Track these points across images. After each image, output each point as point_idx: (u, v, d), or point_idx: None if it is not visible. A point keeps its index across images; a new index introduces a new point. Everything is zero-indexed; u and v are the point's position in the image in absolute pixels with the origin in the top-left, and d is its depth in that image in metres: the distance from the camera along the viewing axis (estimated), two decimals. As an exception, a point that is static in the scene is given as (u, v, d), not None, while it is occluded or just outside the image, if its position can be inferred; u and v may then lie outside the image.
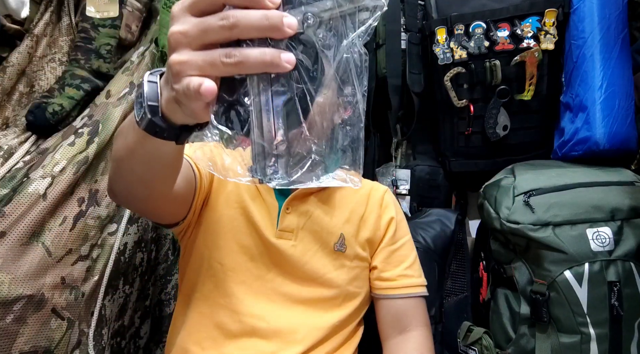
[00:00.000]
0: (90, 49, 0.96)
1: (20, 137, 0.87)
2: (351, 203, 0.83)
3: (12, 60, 0.92)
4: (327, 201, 0.82)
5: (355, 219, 0.82)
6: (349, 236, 0.80)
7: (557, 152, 1.01)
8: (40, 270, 0.73)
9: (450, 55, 1.05)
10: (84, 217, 0.82)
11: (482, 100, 1.05)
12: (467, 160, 1.12)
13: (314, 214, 0.79)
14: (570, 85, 0.98)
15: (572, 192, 0.85)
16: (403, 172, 1.19)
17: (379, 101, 1.20)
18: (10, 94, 0.93)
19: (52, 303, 0.74)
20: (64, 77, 0.93)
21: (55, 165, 0.78)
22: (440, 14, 1.08)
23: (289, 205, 0.78)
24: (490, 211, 0.91)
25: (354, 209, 0.83)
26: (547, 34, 0.99)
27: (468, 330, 0.93)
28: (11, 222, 0.70)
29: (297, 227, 0.77)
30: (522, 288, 0.85)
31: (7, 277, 0.68)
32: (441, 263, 1.03)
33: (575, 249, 0.80)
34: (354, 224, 0.81)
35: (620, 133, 0.91)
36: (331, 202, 0.82)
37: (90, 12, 0.97)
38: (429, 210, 1.12)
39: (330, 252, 0.78)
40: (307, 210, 0.79)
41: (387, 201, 0.87)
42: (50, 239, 0.75)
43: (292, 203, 0.78)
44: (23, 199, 0.72)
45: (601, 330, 0.77)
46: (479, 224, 1.07)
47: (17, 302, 0.69)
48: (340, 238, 0.79)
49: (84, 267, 0.82)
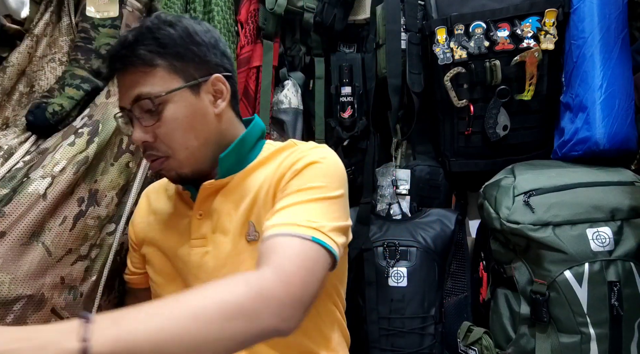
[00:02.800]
0: (90, 49, 0.96)
1: (20, 137, 0.87)
2: (258, 184, 0.71)
3: (12, 60, 0.92)
4: (236, 192, 0.72)
5: (261, 199, 0.69)
6: (258, 222, 0.69)
7: (557, 152, 1.01)
8: (40, 270, 0.73)
9: (450, 55, 1.05)
10: (84, 217, 0.82)
11: (482, 100, 1.05)
12: (467, 160, 1.12)
13: (222, 211, 0.72)
14: (570, 85, 0.98)
15: (572, 192, 0.85)
16: (403, 172, 1.19)
17: (379, 101, 1.20)
18: (10, 94, 0.93)
19: (51, 303, 0.75)
20: (64, 77, 0.93)
21: (55, 165, 0.78)
22: (440, 14, 1.08)
23: (200, 210, 0.73)
24: (490, 211, 0.91)
25: (261, 188, 0.70)
26: (547, 34, 0.99)
27: (468, 330, 0.93)
28: (11, 222, 0.70)
29: (209, 231, 0.72)
30: (522, 288, 0.85)
31: (7, 277, 0.68)
32: (441, 263, 1.03)
33: (575, 249, 0.80)
34: (260, 206, 0.69)
35: (620, 133, 0.91)
36: (241, 193, 0.72)
37: (90, 12, 0.97)
38: (429, 210, 1.12)
39: (244, 245, 0.70)
40: (214, 209, 0.73)
41: (301, 156, 0.69)
42: (50, 239, 0.75)
43: (202, 207, 0.73)
44: (23, 199, 0.72)
45: (601, 330, 0.77)
46: (479, 224, 1.07)
47: (17, 302, 0.69)
48: (250, 226, 0.70)
49: (82, 267, 0.82)
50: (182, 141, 0.67)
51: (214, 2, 1.11)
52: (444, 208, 1.14)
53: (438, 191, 1.18)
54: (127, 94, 0.67)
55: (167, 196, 0.83)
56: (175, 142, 0.67)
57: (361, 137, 1.22)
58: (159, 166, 0.70)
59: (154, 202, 0.84)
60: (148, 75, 0.65)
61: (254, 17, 1.23)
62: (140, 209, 0.86)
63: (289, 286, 0.52)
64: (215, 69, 0.71)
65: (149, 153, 0.69)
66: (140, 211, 0.86)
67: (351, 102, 1.20)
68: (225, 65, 0.73)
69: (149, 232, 0.81)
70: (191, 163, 0.70)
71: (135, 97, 0.65)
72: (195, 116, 0.68)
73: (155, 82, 0.65)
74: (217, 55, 0.72)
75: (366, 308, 0.87)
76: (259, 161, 0.73)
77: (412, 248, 1.02)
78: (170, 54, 0.66)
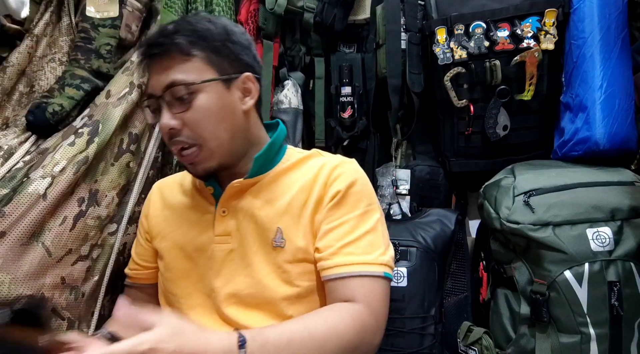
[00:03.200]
0: (90, 49, 0.96)
1: (20, 137, 0.87)
2: (293, 191, 0.73)
3: (12, 60, 0.92)
4: (264, 194, 0.74)
5: (295, 208, 0.72)
6: (287, 229, 0.71)
7: (557, 152, 1.01)
8: (40, 270, 0.73)
9: (450, 55, 1.05)
10: (84, 217, 0.82)
11: (482, 100, 1.05)
12: (467, 160, 1.12)
13: (248, 210, 0.74)
14: (570, 85, 0.98)
15: (572, 192, 0.85)
16: (403, 172, 1.19)
17: (379, 101, 1.20)
18: (10, 94, 0.93)
19: (52, 303, 0.75)
20: (64, 77, 0.93)
21: (55, 165, 0.78)
22: (440, 14, 1.08)
23: (224, 207, 0.75)
24: (490, 211, 0.91)
25: (295, 197, 0.73)
26: (547, 34, 0.99)
27: (468, 330, 0.93)
28: (11, 222, 0.71)
29: (234, 229, 0.74)
30: (522, 288, 0.85)
31: (7, 277, 0.69)
32: (441, 263, 1.03)
33: (575, 249, 0.80)
34: (293, 214, 0.72)
35: (620, 133, 0.91)
36: (269, 196, 0.74)
37: (90, 12, 0.97)
38: (429, 210, 1.12)
39: (270, 249, 0.72)
40: (241, 208, 0.74)
41: (336, 175, 0.73)
42: (50, 239, 0.76)
43: (226, 204, 0.75)
44: (23, 199, 0.73)
45: (601, 330, 0.77)
46: (479, 224, 1.07)
47: (17, 302, 0.69)
48: (278, 233, 0.72)
49: (84, 267, 0.82)
50: (213, 130, 0.69)
51: (215, 2, 1.11)
52: (444, 208, 1.14)
53: (438, 191, 1.18)
54: (159, 80, 0.68)
55: (182, 192, 0.82)
56: (206, 131, 0.69)
57: (361, 137, 1.22)
58: (193, 158, 0.70)
59: (169, 197, 0.83)
60: (184, 64, 0.68)
61: (254, 17, 1.23)
62: (153, 203, 0.85)
63: (378, 318, 0.67)
64: (247, 68, 0.74)
65: (176, 140, 0.69)
66: (153, 204, 0.85)
67: (351, 102, 1.20)
68: (255, 68, 0.76)
69: (165, 227, 0.81)
70: (221, 155, 0.71)
71: (170, 83, 0.67)
72: (224, 109, 0.70)
73: (190, 71, 0.68)
74: (249, 57, 0.75)
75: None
76: (287, 166, 0.77)
77: (412, 248, 1.02)
78: (207, 47, 0.69)
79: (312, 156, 0.79)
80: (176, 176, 0.87)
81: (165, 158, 1.08)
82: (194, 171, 0.72)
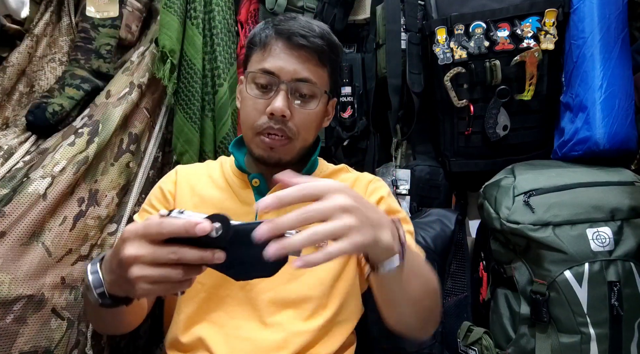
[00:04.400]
0: (90, 49, 0.96)
1: (20, 137, 0.87)
2: None
3: (12, 60, 0.92)
4: None
5: None
6: None
7: (557, 152, 1.01)
8: (40, 270, 0.73)
9: (450, 55, 1.05)
10: (84, 217, 0.82)
11: (482, 100, 1.05)
12: (467, 160, 1.12)
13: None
14: (570, 85, 0.98)
15: (572, 192, 0.85)
16: (403, 172, 1.19)
17: (379, 101, 1.20)
18: (10, 94, 0.93)
19: (52, 303, 0.75)
20: (64, 77, 0.93)
21: (55, 165, 0.78)
22: (440, 14, 1.08)
23: None
24: (490, 211, 0.91)
25: None
26: (547, 34, 0.99)
27: (468, 330, 0.93)
28: (11, 222, 0.70)
29: None
30: (522, 288, 0.85)
31: (7, 277, 0.68)
32: (441, 263, 1.03)
33: (575, 249, 0.80)
34: None
35: (620, 133, 0.91)
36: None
37: (90, 12, 0.97)
38: (429, 210, 1.12)
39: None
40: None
41: (374, 187, 0.84)
42: (50, 239, 0.75)
43: None
44: (23, 199, 0.72)
45: (601, 330, 0.77)
46: (479, 224, 1.07)
47: (17, 302, 0.69)
48: None
49: (84, 267, 0.82)
50: (307, 133, 0.77)
51: (215, 2, 1.11)
52: (444, 208, 1.14)
53: (438, 191, 1.18)
54: (295, 68, 0.73)
55: (213, 183, 0.82)
56: (304, 129, 0.76)
57: (361, 137, 1.22)
58: (279, 145, 0.74)
59: (198, 185, 0.82)
60: (318, 68, 0.75)
61: (254, 17, 1.23)
62: (179, 184, 0.83)
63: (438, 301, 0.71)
64: (334, 92, 0.83)
65: (280, 127, 0.73)
66: (180, 186, 0.83)
67: (351, 102, 1.20)
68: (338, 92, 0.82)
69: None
70: (298, 154, 0.78)
71: (305, 78, 0.73)
72: (319, 119, 0.80)
73: (320, 77, 0.76)
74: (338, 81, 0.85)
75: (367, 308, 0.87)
76: (325, 174, 0.86)
77: (412, 248, 1.02)
78: (334, 65, 0.79)
79: (342, 170, 0.88)
80: (198, 166, 0.88)
81: (166, 158, 1.08)
82: (267, 156, 0.76)
